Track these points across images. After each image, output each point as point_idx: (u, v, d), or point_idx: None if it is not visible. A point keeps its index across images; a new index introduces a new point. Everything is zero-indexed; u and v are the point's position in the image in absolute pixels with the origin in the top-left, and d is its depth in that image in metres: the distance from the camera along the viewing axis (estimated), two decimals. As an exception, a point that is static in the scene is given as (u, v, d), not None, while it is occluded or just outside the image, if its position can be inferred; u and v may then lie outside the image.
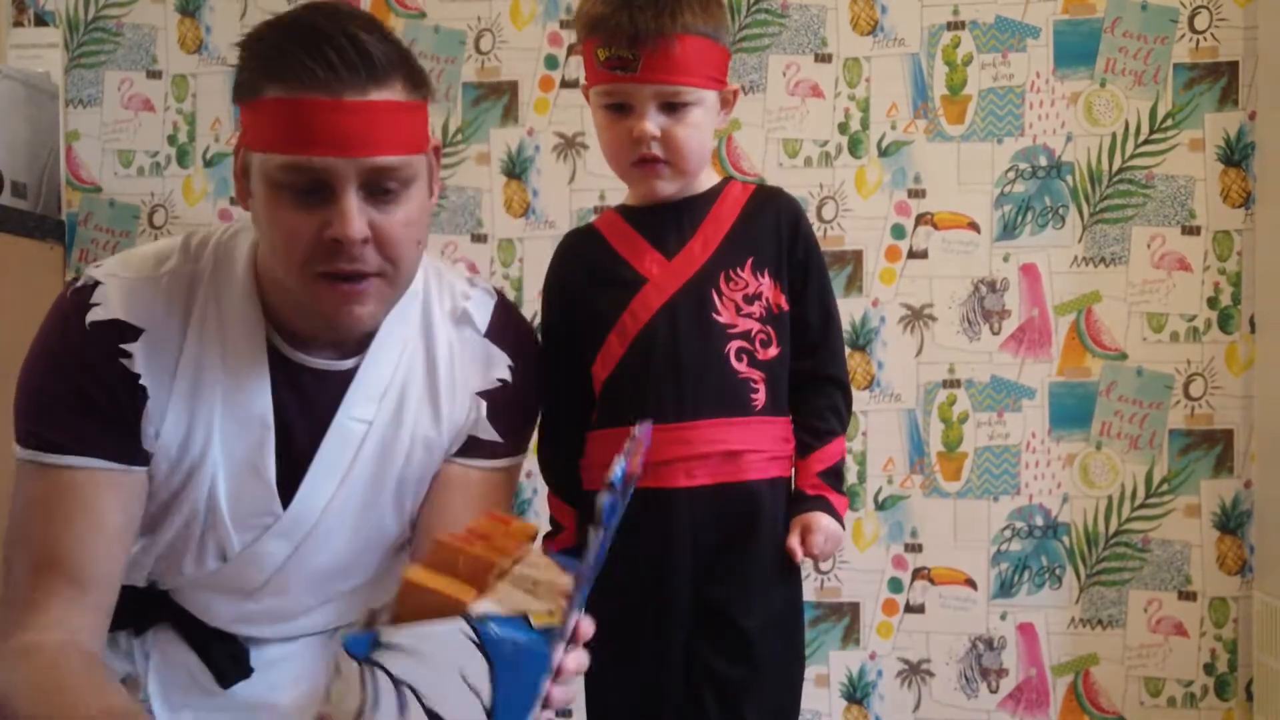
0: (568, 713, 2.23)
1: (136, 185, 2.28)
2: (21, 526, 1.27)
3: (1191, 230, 2.09)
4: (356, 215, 1.17)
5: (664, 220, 1.46)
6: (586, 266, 1.48)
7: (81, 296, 1.28)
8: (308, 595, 1.40)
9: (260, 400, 1.30)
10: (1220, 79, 2.08)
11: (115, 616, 1.32)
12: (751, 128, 2.17)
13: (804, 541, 1.39)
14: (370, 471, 1.35)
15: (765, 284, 1.42)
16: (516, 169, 2.21)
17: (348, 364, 1.33)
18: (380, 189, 1.19)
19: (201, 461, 1.30)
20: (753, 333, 1.41)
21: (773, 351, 1.42)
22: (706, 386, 1.40)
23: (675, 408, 1.40)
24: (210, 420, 1.29)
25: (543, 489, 2.18)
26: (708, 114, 1.41)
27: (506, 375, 1.40)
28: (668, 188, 1.44)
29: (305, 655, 1.43)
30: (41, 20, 2.30)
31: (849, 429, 1.53)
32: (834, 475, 1.44)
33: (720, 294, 1.41)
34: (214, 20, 2.27)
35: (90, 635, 1.29)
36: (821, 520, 1.40)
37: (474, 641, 0.93)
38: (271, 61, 1.17)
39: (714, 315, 1.41)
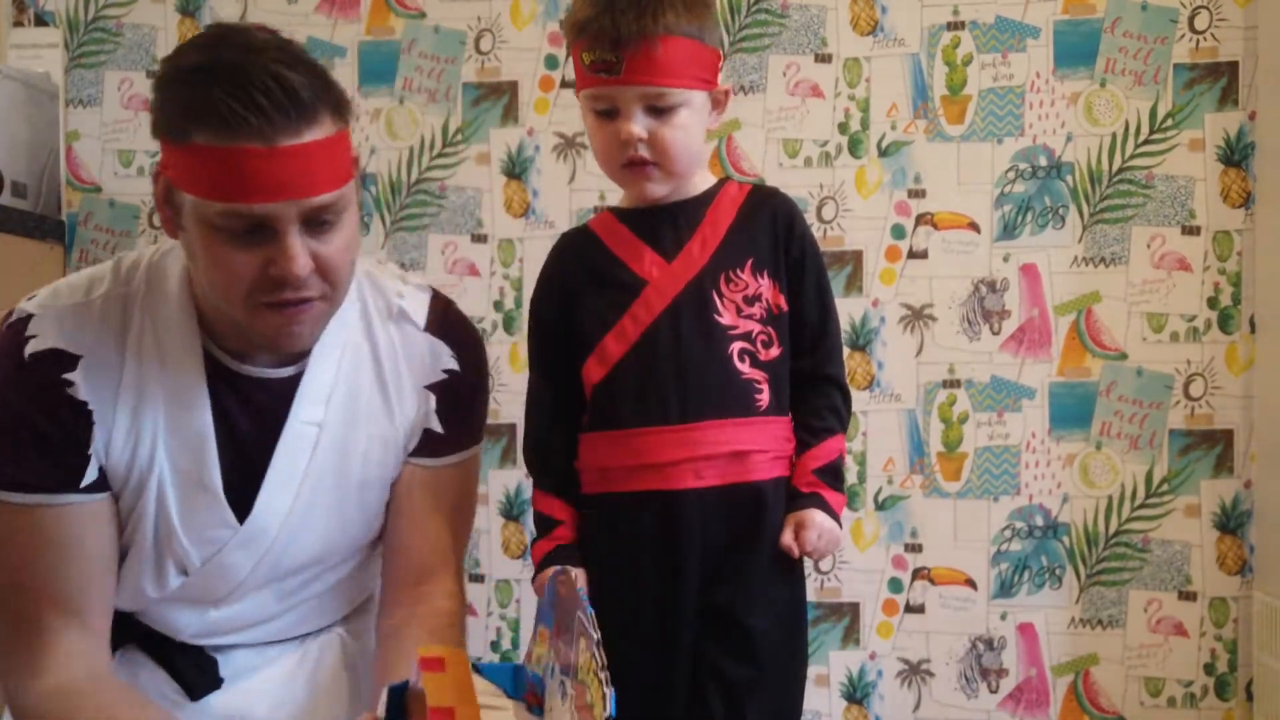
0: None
1: (136, 185, 2.28)
2: (6, 571, 1.29)
3: (1191, 230, 2.09)
4: (300, 252, 1.19)
5: (661, 222, 1.46)
6: (584, 268, 1.47)
7: (16, 330, 1.28)
8: (276, 602, 1.40)
9: (200, 412, 1.31)
10: (1220, 79, 2.08)
11: None
12: (751, 128, 2.17)
13: (798, 538, 1.39)
14: (331, 475, 1.36)
15: (765, 284, 1.42)
16: (516, 169, 2.22)
17: (289, 370, 1.34)
18: (319, 221, 1.21)
19: (148, 477, 1.30)
20: (754, 334, 1.41)
21: (774, 352, 1.42)
22: (711, 388, 1.40)
23: (680, 409, 1.40)
24: (155, 436, 1.30)
25: (543, 489, 2.18)
26: (696, 115, 1.40)
27: (452, 365, 1.42)
28: (658, 189, 1.43)
29: (277, 664, 1.43)
30: (41, 20, 2.30)
31: (849, 429, 1.53)
32: (830, 473, 1.43)
33: (721, 295, 1.41)
34: (214, 20, 2.27)
35: (105, 659, 1.32)
36: (815, 517, 1.39)
37: None
38: (200, 107, 1.15)
39: (715, 317, 1.41)
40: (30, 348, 1.27)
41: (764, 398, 1.41)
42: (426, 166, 2.23)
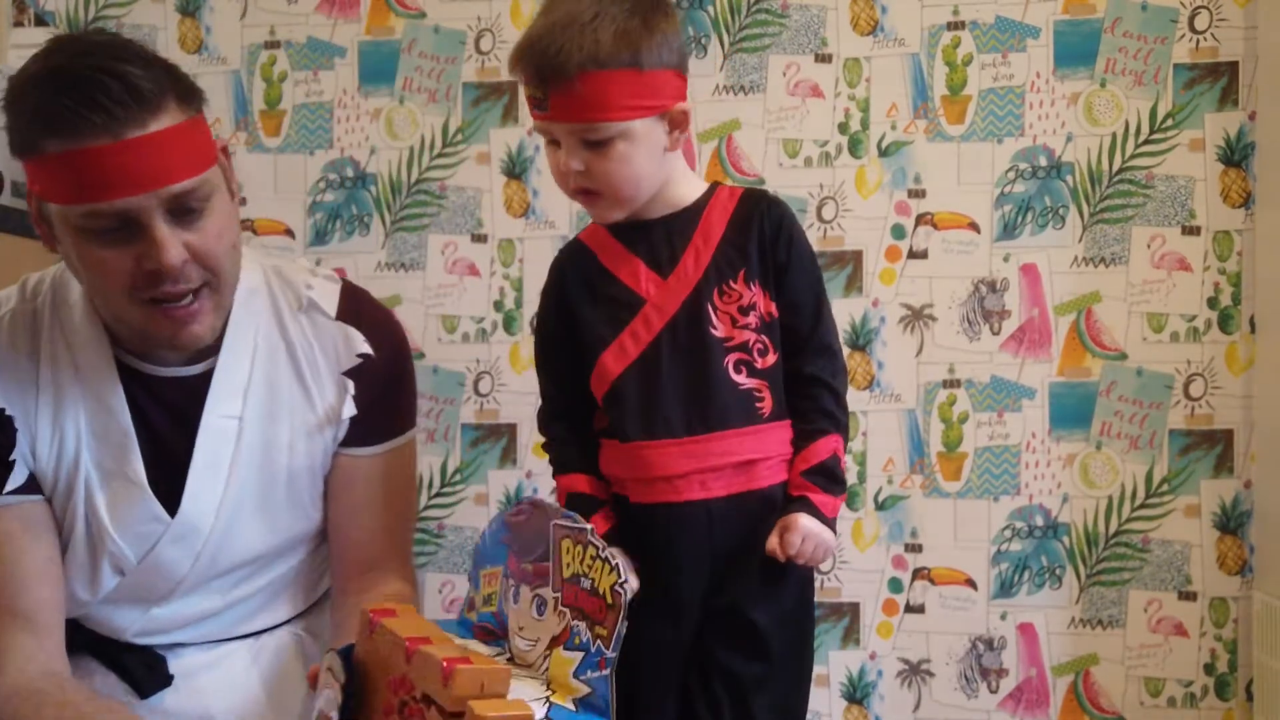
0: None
1: (136, 185, 2.28)
2: None
3: (1191, 230, 2.09)
4: (170, 242, 1.20)
5: (654, 236, 1.44)
6: (581, 281, 1.46)
7: None
8: (219, 597, 1.41)
9: (119, 411, 1.33)
10: (1220, 79, 2.08)
11: None
12: (751, 128, 2.17)
13: (782, 543, 1.36)
14: (256, 468, 1.38)
15: (756, 293, 1.41)
16: (516, 169, 2.22)
17: (200, 367, 1.36)
18: (184, 209, 1.22)
19: (75, 479, 1.33)
20: (750, 343, 1.40)
21: (771, 359, 1.41)
22: (712, 400, 1.40)
23: (684, 424, 1.40)
24: (77, 439, 1.33)
25: (543, 489, 2.19)
26: (637, 144, 1.36)
27: (366, 349, 1.43)
28: (614, 214, 1.42)
29: (229, 661, 1.43)
30: (42, 20, 2.30)
31: (850, 429, 1.51)
32: (820, 474, 1.40)
33: (715, 308, 1.40)
34: (214, 20, 2.27)
35: (59, 659, 1.33)
36: (799, 520, 1.36)
37: None
38: (44, 116, 1.17)
39: (710, 330, 1.40)
40: None
41: (765, 405, 1.40)
42: (426, 166, 2.23)
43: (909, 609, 2.13)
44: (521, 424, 2.19)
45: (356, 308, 1.47)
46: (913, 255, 2.14)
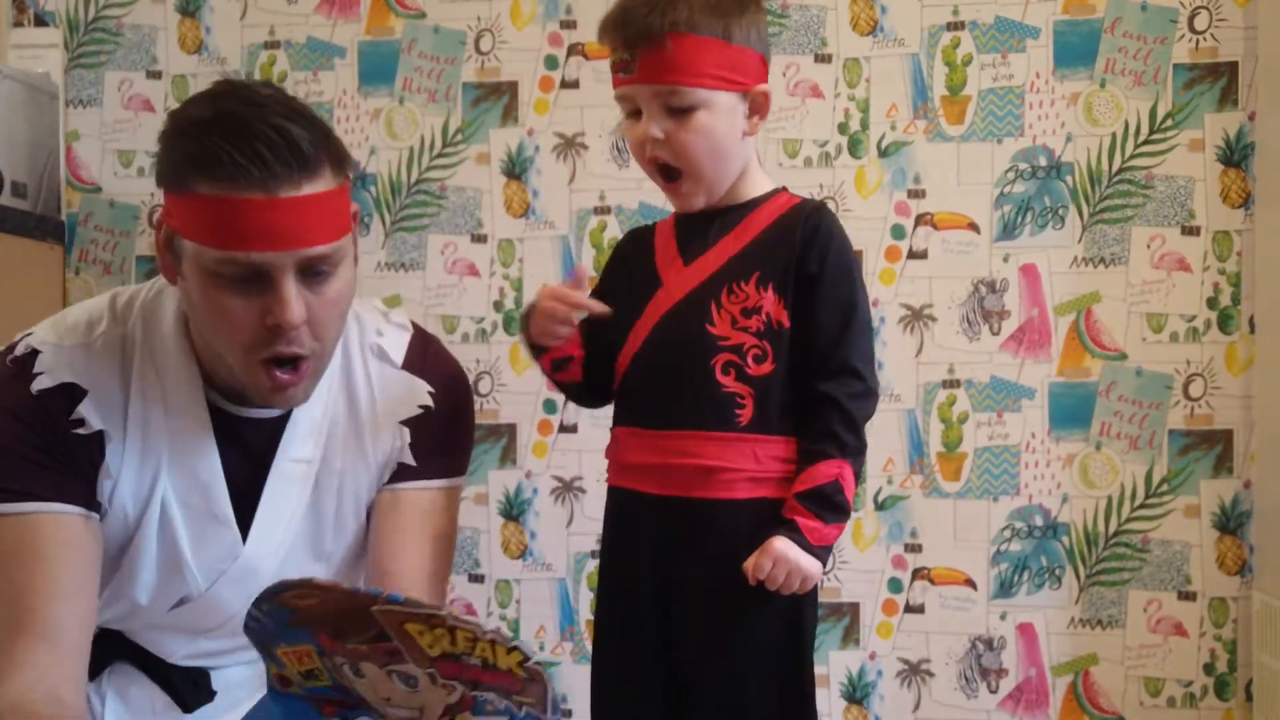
0: (569, 712, 2.24)
1: (136, 185, 2.28)
2: None
3: (1191, 231, 2.09)
4: (295, 301, 1.22)
5: (700, 227, 1.44)
6: (629, 260, 1.49)
7: (23, 365, 1.30)
8: None
9: (209, 455, 1.34)
10: (1220, 79, 2.08)
11: None
12: (751, 128, 2.17)
13: (757, 564, 1.31)
14: (314, 512, 1.38)
15: (767, 298, 1.37)
16: (516, 169, 2.22)
17: (278, 411, 1.36)
18: (315, 272, 1.24)
19: (151, 507, 1.32)
20: (745, 346, 1.37)
21: (766, 367, 1.37)
22: (688, 397, 1.38)
23: (660, 415, 1.39)
24: (158, 473, 1.32)
25: (543, 489, 2.19)
26: (719, 117, 1.36)
27: (428, 401, 1.43)
28: (696, 198, 1.42)
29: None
30: (41, 20, 2.31)
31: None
32: (814, 499, 1.33)
33: (719, 305, 1.38)
34: (214, 21, 2.27)
35: (71, 687, 1.30)
36: (774, 544, 1.30)
37: None
38: (201, 157, 1.18)
39: (707, 326, 1.38)
40: (38, 384, 1.29)
41: (745, 413, 1.36)
42: (426, 167, 2.23)
43: (909, 609, 2.13)
44: (521, 424, 2.19)
45: (425, 358, 1.47)
46: (912, 255, 2.14)
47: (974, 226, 2.13)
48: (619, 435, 1.44)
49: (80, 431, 1.29)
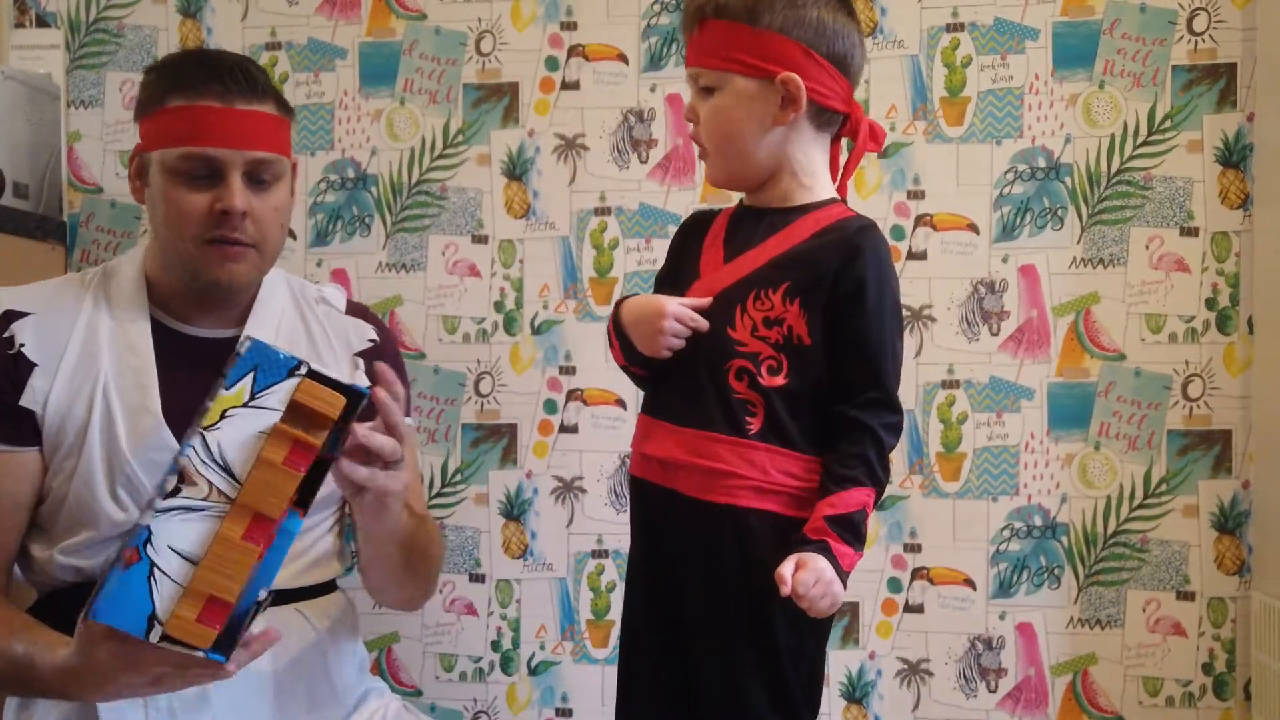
0: (569, 711, 2.26)
1: (138, 186, 2.29)
2: None
3: (1190, 231, 2.09)
4: (240, 192, 1.51)
5: (749, 225, 1.45)
6: (682, 246, 1.53)
7: None
8: None
9: (143, 350, 1.55)
10: (1219, 81, 2.08)
11: (59, 626, 1.43)
12: (751, 129, 2.17)
13: (795, 576, 1.28)
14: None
15: (791, 311, 1.37)
16: (517, 170, 2.22)
17: (229, 332, 1.60)
18: (257, 179, 1.54)
19: (92, 408, 1.51)
20: (761, 356, 1.37)
21: (779, 380, 1.36)
22: (704, 397, 1.39)
23: (679, 411, 1.41)
24: (103, 378, 1.52)
25: (543, 489, 2.20)
26: (738, 100, 1.40)
27: (374, 337, 1.74)
28: (718, 174, 1.48)
29: (275, 625, 1.47)
30: (43, 21, 2.31)
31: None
32: (844, 524, 1.32)
33: (744, 310, 1.38)
34: (215, 22, 2.27)
35: None
36: (818, 562, 1.29)
37: None
38: (177, 79, 1.53)
39: (728, 329, 1.39)
40: None
41: (756, 422, 1.36)
42: (427, 168, 2.23)
43: (908, 609, 2.13)
44: (522, 424, 2.20)
45: (361, 310, 1.80)
46: (912, 256, 2.14)
47: (973, 227, 2.13)
48: (643, 424, 1.46)
49: (12, 342, 1.52)
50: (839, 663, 2.14)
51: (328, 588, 1.69)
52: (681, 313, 1.38)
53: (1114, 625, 2.10)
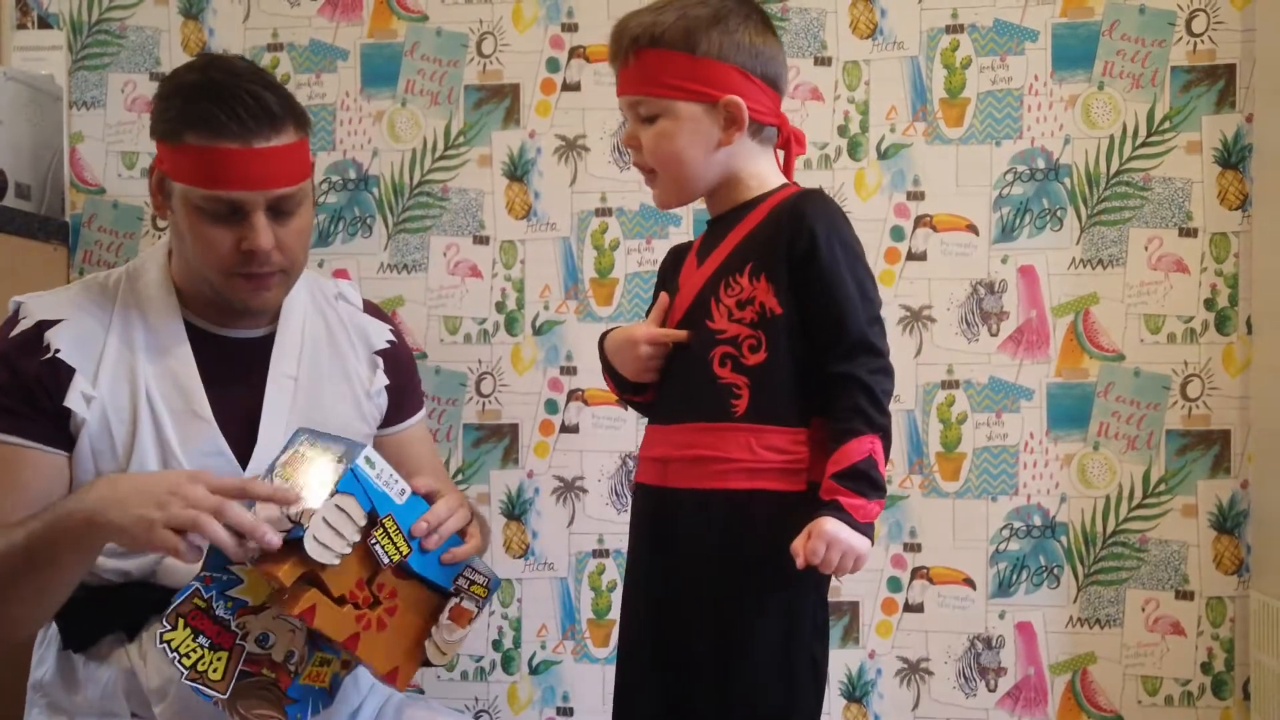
0: (570, 711, 2.26)
1: (140, 187, 2.29)
2: None
3: (1189, 232, 2.10)
4: (265, 230, 1.51)
5: (715, 232, 1.51)
6: (667, 272, 1.59)
7: (8, 323, 1.57)
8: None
9: (183, 357, 1.57)
10: (1218, 82, 2.09)
11: (104, 621, 1.50)
12: (751, 130, 2.18)
13: (806, 547, 1.31)
14: (301, 419, 1.59)
15: (760, 287, 1.41)
16: (518, 171, 2.23)
17: (261, 332, 1.64)
18: (281, 210, 1.54)
19: (139, 414, 1.53)
20: (740, 338, 1.41)
21: (760, 356, 1.39)
22: (689, 391, 1.44)
23: (670, 410, 1.48)
24: (145, 383, 1.54)
25: (544, 489, 2.20)
26: (681, 125, 1.44)
27: (392, 338, 1.79)
28: (668, 197, 1.53)
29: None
30: (45, 23, 2.31)
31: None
32: (852, 476, 1.34)
33: (718, 300, 1.43)
34: (217, 23, 2.27)
35: None
36: (824, 525, 1.31)
37: None
38: (193, 116, 1.49)
39: (707, 322, 1.44)
40: (17, 329, 1.55)
41: (741, 403, 1.39)
42: (429, 169, 2.24)
43: (908, 608, 2.14)
44: (523, 424, 2.21)
45: (375, 310, 1.84)
46: (911, 257, 2.15)
47: (973, 228, 2.14)
48: (645, 433, 1.53)
49: (49, 349, 1.51)
50: (839, 662, 2.14)
51: None
52: (653, 334, 1.47)
53: (1113, 625, 2.10)
